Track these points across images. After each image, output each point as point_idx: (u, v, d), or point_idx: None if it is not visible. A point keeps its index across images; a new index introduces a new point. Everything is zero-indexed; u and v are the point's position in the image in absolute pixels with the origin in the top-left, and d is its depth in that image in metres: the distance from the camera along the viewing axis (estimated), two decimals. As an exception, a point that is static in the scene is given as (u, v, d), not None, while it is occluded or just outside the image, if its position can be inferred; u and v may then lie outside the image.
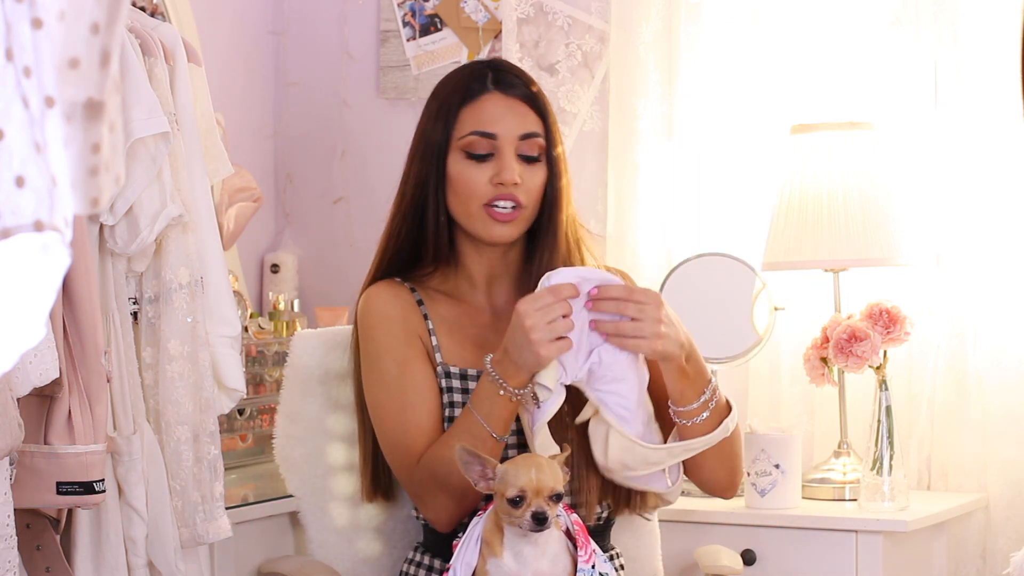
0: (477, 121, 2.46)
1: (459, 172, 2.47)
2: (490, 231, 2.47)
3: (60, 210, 1.11)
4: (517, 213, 2.46)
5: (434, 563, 2.51)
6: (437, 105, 2.52)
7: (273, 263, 3.85)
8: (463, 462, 2.20)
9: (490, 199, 2.45)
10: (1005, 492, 3.21)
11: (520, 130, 2.46)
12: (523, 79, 2.52)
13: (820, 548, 2.99)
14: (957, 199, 3.27)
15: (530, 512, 2.16)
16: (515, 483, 2.16)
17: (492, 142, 2.46)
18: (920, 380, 3.28)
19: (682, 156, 3.46)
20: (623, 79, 3.49)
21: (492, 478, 2.19)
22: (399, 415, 2.45)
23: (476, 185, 2.45)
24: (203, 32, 3.56)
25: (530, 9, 3.59)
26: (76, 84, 1.11)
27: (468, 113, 2.47)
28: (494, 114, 2.47)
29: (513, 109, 2.47)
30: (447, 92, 2.52)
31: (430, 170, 2.49)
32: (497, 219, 2.46)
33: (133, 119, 2.32)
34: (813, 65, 3.37)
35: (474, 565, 2.26)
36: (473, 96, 2.48)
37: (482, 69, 2.52)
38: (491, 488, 2.19)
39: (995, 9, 3.21)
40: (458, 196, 2.48)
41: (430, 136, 2.50)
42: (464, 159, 2.47)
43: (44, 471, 2.19)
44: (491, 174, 2.45)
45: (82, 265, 2.21)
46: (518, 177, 2.45)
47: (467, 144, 2.46)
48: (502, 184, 2.44)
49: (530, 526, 2.16)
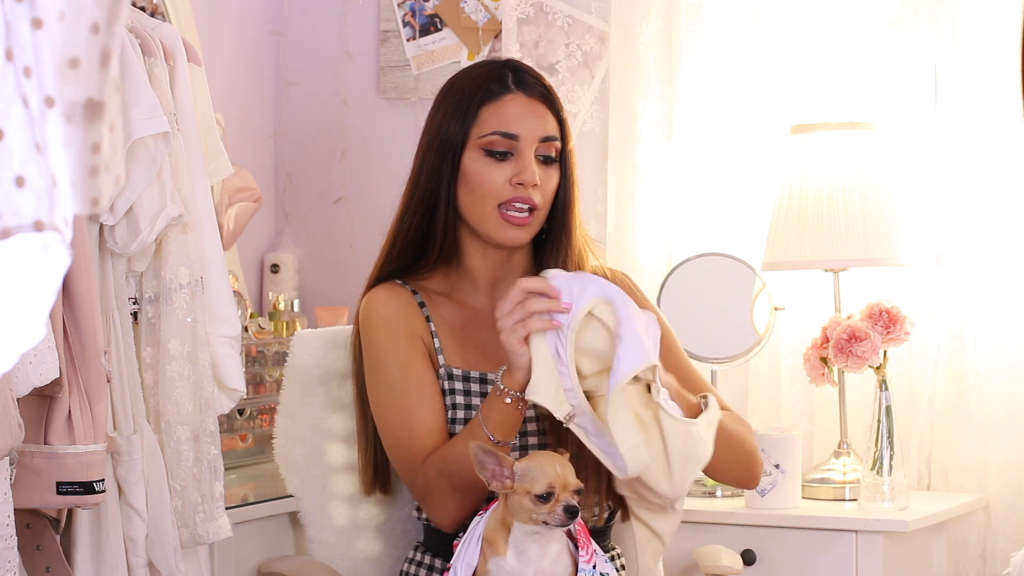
0: (500, 121, 2.46)
1: (477, 170, 2.46)
2: (503, 233, 2.47)
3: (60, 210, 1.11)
4: (532, 217, 2.46)
5: (435, 563, 2.51)
6: (454, 101, 2.51)
7: (273, 263, 3.85)
8: (478, 460, 2.20)
9: (507, 199, 2.45)
10: (1005, 492, 3.21)
11: (541, 132, 2.47)
12: (540, 80, 2.52)
13: (820, 548, 2.99)
14: (957, 199, 3.27)
15: (561, 506, 2.17)
16: (543, 479, 2.18)
17: (513, 142, 2.46)
18: (920, 380, 3.28)
19: (682, 156, 3.46)
20: (623, 79, 3.49)
21: (508, 477, 2.19)
22: (403, 416, 2.45)
23: (494, 184, 2.45)
24: (203, 32, 3.57)
25: (530, 9, 3.59)
26: (76, 84, 1.11)
27: (490, 112, 2.47)
28: (517, 115, 2.47)
29: (534, 111, 2.48)
30: (466, 89, 2.51)
31: (444, 165, 2.49)
32: (512, 223, 2.46)
33: (133, 119, 2.32)
34: (813, 65, 3.37)
35: (475, 565, 2.26)
36: (495, 95, 2.48)
37: (501, 68, 2.52)
38: (507, 487, 2.19)
39: (995, 9, 3.22)
40: (474, 194, 2.47)
41: (446, 131, 2.49)
42: (483, 157, 2.47)
43: (44, 471, 2.19)
44: (510, 174, 2.45)
45: (82, 265, 2.21)
46: (538, 179, 2.45)
47: (488, 143, 2.46)
48: (521, 185, 2.44)
49: (561, 520, 2.17)
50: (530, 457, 2.23)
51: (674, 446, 2.26)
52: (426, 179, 2.50)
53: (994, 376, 3.22)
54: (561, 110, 2.52)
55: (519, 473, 2.19)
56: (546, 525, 2.19)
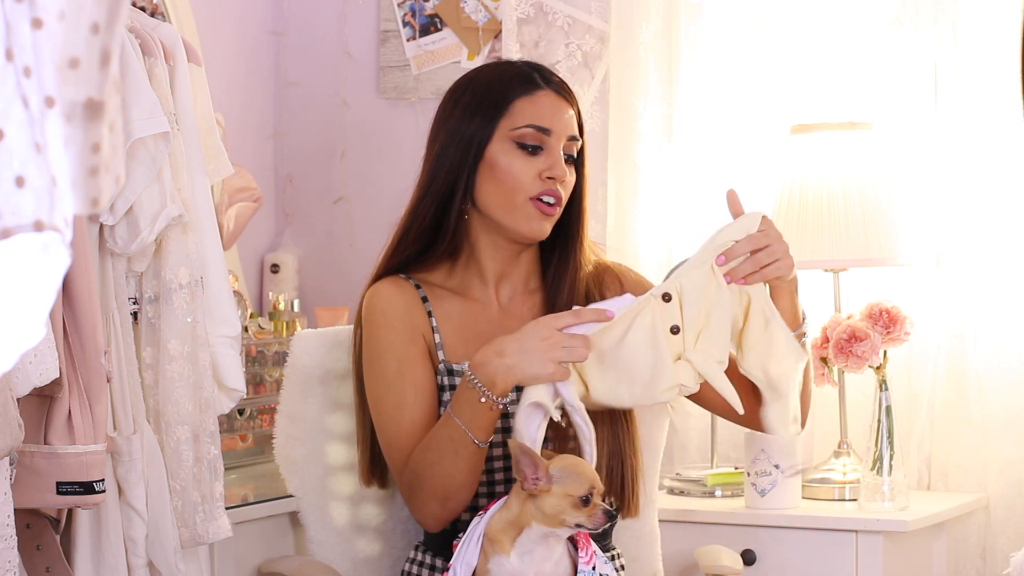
0: (534, 115, 2.48)
1: (508, 163, 2.48)
2: (531, 225, 2.48)
3: (60, 210, 1.11)
4: (556, 209, 2.49)
5: (435, 562, 2.51)
6: (479, 95, 2.52)
7: (273, 263, 3.85)
8: (515, 458, 2.21)
9: (537, 193, 2.47)
10: (1005, 492, 3.21)
11: (569, 131, 2.50)
12: (564, 82, 2.56)
13: (820, 548, 2.99)
14: (957, 199, 3.27)
15: (601, 509, 2.20)
16: (584, 481, 2.20)
17: (545, 137, 2.48)
18: (920, 380, 3.28)
19: (682, 156, 3.46)
20: (623, 79, 3.49)
21: (540, 478, 2.20)
22: (396, 412, 2.46)
23: (525, 177, 2.47)
24: (203, 32, 3.57)
25: (530, 9, 3.59)
26: (76, 84, 1.11)
27: (523, 105, 2.49)
28: (550, 111, 2.49)
29: (563, 110, 2.51)
30: (493, 84, 2.52)
31: (466, 157, 2.49)
32: (544, 213, 2.48)
33: (133, 119, 2.32)
34: (813, 65, 3.37)
35: (474, 565, 2.26)
36: (528, 91, 2.50)
37: (526, 67, 2.55)
38: (542, 488, 2.20)
39: (995, 9, 3.22)
40: (503, 187, 2.48)
41: (470, 123, 2.50)
42: (514, 149, 2.48)
43: (44, 471, 2.19)
44: (540, 168, 2.47)
45: (82, 265, 2.21)
46: (567, 174, 2.49)
47: (520, 135, 2.48)
48: (552, 179, 2.46)
49: (600, 522, 2.20)
50: (561, 460, 2.24)
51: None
52: (445, 171, 2.51)
53: (994, 376, 3.22)
54: (580, 112, 2.55)
55: (556, 475, 2.20)
56: (580, 528, 2.21)
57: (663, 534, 2.86)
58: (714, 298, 2.33)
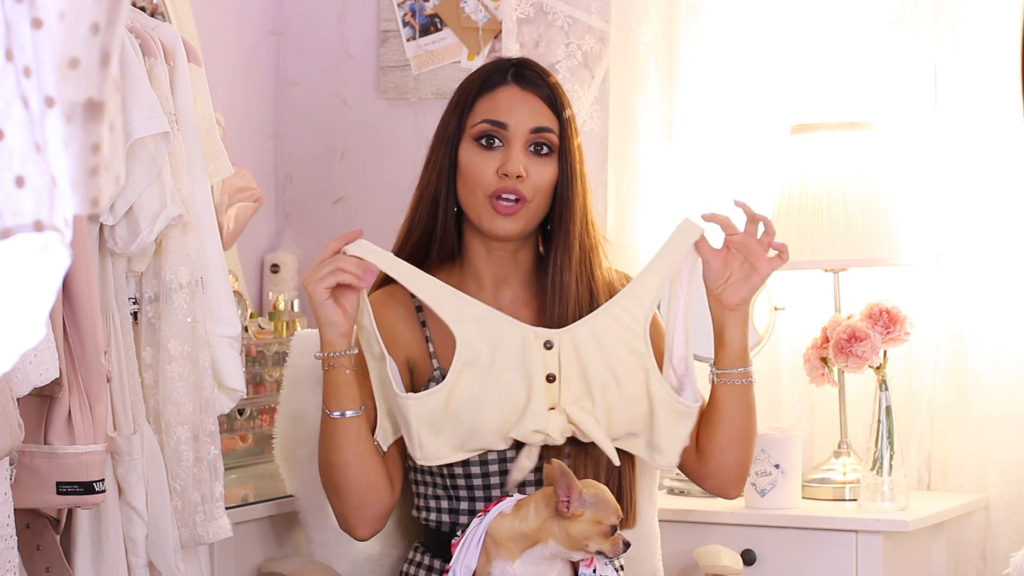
0: (490, 110, 2.48)
1: (468, 160, 2.48)
2: (492, 223, 2.47)
3: (60, 210, 1.11)
4: (520, 207, 2.46)
5: (434, 563, 2.51)
6: (458, 96, 2.53)
7: (273, 263, 3.85)
8: (554, 477, 2.22)
9: (495, 191, 2.46)
10: (1005, 492, 3.21)
11: (531, 123, 2.48)
12: (544, 77, 2.53)
13: (820, 548, 2.99)
14: (957, 199, 3.27)
15: (622, 540, 2.25)
16: (612, 511, 2.25)
17: (502, 131, 2.47)
18: (920, 380, 3.28)
19: (682, 156, 3.46)
20: (623, 79, 3.49)
21: (574, 502, 2.21)
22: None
23: (483, 174, 2.46)
24: (203, 32, 3.56)
25: (530, 9, 3.59)
26: (76, 84, 1.11)
27: (483, 102, 2.49)
28: (507, 105, 2.48)
29: (527, 102, 2.49)
30: (471, 84, 2.53)
31: (444, 159, 2.50)
32: (500, 212, 2.46)
33: (133, 119, 2.32)
34: (813, 65, 3.37)
35: (474, 567, 2.26)
36: (491, 87, 2.50)
37: (505, 64, 2.55)
38: (575, 512, 2.21)
39: (995, 9, 3.21)
40: (466, 185, 2.48)
41: (447, 125, 2.52)
42: (474, 147, 2.48)
43: (44, 471, 2.19)
44: (498, 164, 2.46)
45: (82, 265, 2.20)
46: (523, 170, 2.45)
47: (478, 132, 2.48)
48: (506, 175, 2.45)
49: (619, 552, 2.24)
50: (592, 486, 2.26)
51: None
52: (430, 174, 2.52)
53: (994, 376, 3.22)
54: (564, 106, 2.52)
55: (591, 501, 2.21)
56: (599, 554, 2.23)
57: (663, 534, 2.86)
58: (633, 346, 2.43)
